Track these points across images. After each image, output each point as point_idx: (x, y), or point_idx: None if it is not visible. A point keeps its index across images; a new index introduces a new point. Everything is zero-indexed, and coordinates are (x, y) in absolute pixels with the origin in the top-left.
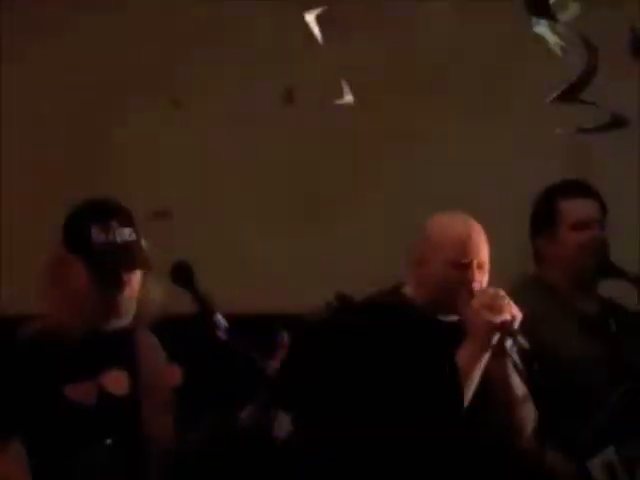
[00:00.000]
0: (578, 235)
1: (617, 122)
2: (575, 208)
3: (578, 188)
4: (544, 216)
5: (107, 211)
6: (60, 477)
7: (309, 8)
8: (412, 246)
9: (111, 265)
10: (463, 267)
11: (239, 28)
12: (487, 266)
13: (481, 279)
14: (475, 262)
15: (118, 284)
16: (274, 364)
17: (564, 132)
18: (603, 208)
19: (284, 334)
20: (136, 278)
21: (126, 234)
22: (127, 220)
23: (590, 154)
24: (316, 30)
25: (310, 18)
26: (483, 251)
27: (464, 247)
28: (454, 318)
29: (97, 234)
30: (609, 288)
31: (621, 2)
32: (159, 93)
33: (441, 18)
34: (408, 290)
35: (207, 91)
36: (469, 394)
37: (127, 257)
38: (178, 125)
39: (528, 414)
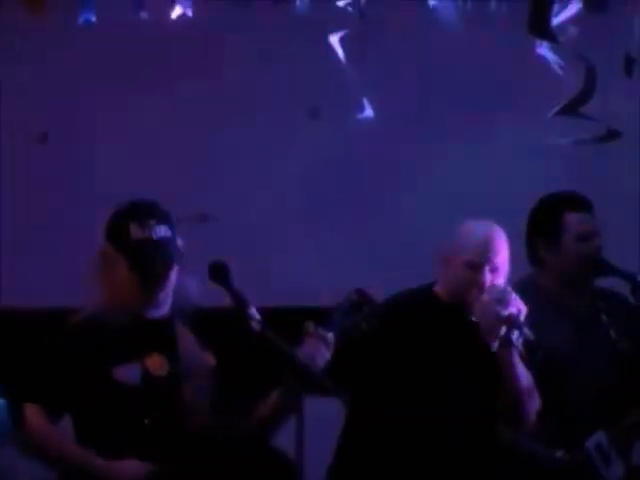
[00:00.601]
0: (582, 246)
1: (611, 134)
2: (580, 221)
3: (581, 202)
4: (548, 226)
5: (145, 210)
6: (105, 450)
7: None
8: (441, 247)
9: (147, 259)
10: (477, 268)
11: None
12: (504, 270)
13: (492, 281)
14: (488, 266)
15: (154, 277)
16: (303, 351)
17: (565, 142)
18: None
19: (309, 325)
20: (172, 272)
21: (162, 231)
22: (164, 219)
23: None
24: (339, 50)
25: (334, 40)
26: (499, 256)
27: (479, 250)
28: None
29: (135, 231)
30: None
31: (615, 25)
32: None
33: (453, 40)
34: (438, 288)
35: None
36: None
37: (162, 253)
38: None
39: (532, 399)
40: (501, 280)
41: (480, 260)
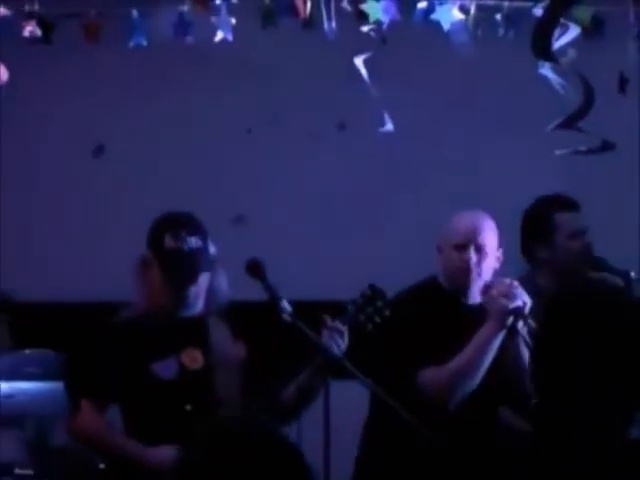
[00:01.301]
0: (573, 243)
1: (606, 146)
2: (571, 220)
3: (570, 202)
4: (541, 226)
5: (179, 222)
6: (147, 438)
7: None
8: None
9: (179, 268)
10: (463, 249)
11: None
12: (489, 250)
13: (479, 260)
14: (473, 245)
15: (184, 283)
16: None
17: (564, 153)
18: None
19: (327, 318)
20: (202, 276)
21: (193, 242)
22: (195, 230)
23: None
24: (363, 71)
25: (358, 61)
26: (483, 237)
27: (463, 232)
28: (474, 301)
29: (169, 241)
30: None
31: (610, 48)
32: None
33: (465, 62)
34: (440, 278)
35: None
36: (487, 364)
37: (192, 261)
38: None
39: None
40: (488, 261)
41: (464, 241)
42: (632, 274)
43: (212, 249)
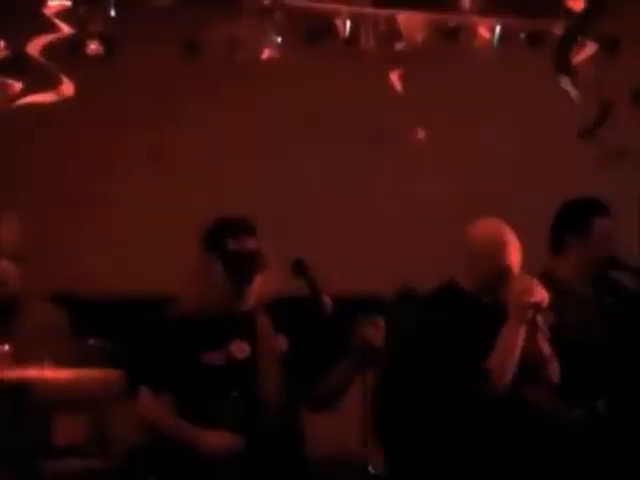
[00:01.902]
0: (604, 244)
1: (620, 153)
2: (604, 225)
3: (606, 209)
4: (580, 224)
5: (239, 225)
6: (197, 422)
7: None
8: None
9: (241, 267)
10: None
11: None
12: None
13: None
14: (507, 263)
15: (245, 281)
16: (360, 334)
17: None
18: None
19: (363, 315)
20: (258, 275)
21: (252, 244)
22: (252, 232)
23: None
24: (398, 85)
25: (393, 76)
26: (512, 253)
27: (500, 244)
28: (493, 299)
29: (232, 244)
30: None
31: (624, 64)
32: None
33: (493, 77)
34: (460, 280)
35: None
36: (516, 358)
37: (252, 262)
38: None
39: (552, 363)
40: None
41: (500, 252)
42: None
43: (264, 248)
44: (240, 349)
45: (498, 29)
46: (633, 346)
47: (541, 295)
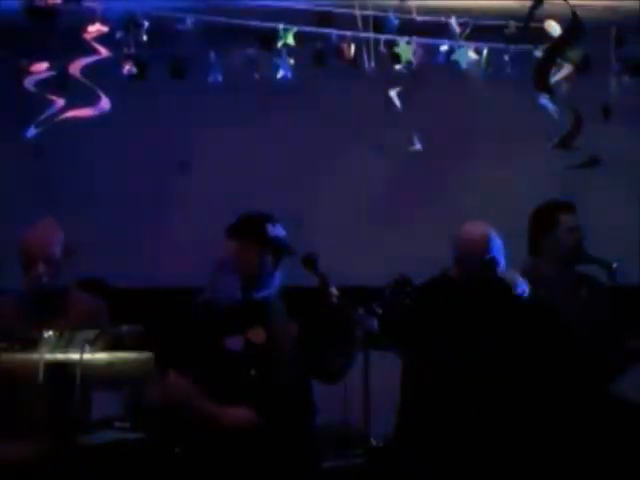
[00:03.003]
0: (570, 236)
1: (593, 161)
2: (569, 219)
3: (570, 206)
4: (547, 222)
5: (271, 216)
6: (218, 400)
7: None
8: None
9: (280, 252)
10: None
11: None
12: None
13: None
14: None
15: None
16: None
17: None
18: None
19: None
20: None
21: (284, 231)
22: (279, 222)
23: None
24: (397, 101)
25: (393, 93)
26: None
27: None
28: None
29: (271, 230)
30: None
31: (596, 83)
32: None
33: (479, 94)
34: (452, 272)
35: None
36: None
37: (286, 247)
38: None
39: None
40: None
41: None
42: (614, 265)
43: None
44: (257, 334)
45: (485, 51)
46: (610, 337)
47: (522, 288)
